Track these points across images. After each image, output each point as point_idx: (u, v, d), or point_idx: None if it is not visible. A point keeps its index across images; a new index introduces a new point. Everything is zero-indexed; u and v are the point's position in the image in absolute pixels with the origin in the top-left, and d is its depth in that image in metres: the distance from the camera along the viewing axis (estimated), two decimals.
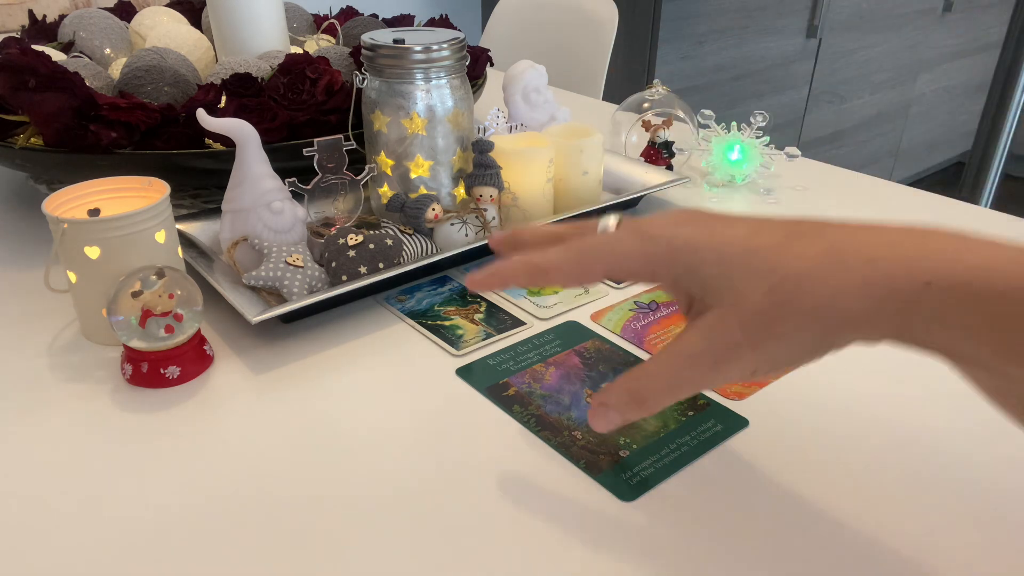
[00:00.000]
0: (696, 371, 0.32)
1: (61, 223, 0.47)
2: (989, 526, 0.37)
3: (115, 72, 0.79)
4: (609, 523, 0.38)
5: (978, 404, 0.46)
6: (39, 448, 0.43)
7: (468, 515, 0.38)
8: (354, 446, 0.43)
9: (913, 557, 0.36)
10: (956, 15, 2.58)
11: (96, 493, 0.40)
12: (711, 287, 0.31)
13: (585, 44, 1.45)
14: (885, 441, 0.43)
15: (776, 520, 0.38)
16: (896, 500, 0.39)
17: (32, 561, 0.36)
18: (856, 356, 0.50)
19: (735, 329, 0.31)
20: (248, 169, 0.54)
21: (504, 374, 0.49)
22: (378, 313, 0.56)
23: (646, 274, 0.33)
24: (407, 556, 0.36)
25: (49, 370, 0.50)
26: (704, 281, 0.32)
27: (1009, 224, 0.70)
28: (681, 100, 0.81)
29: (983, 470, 0.41)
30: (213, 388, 0.48)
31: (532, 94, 0.74)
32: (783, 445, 0.43)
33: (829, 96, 2.34)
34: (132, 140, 0.61)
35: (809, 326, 0.29)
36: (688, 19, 1.85)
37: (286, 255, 0.54)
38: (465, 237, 0.60)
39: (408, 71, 0.58)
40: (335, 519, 0.38)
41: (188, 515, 0.38)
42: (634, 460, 0.41)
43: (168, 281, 0.46)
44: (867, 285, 0.28)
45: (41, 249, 0.66)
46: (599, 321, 0.55)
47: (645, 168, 0.75)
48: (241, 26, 0.79)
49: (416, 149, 0.61)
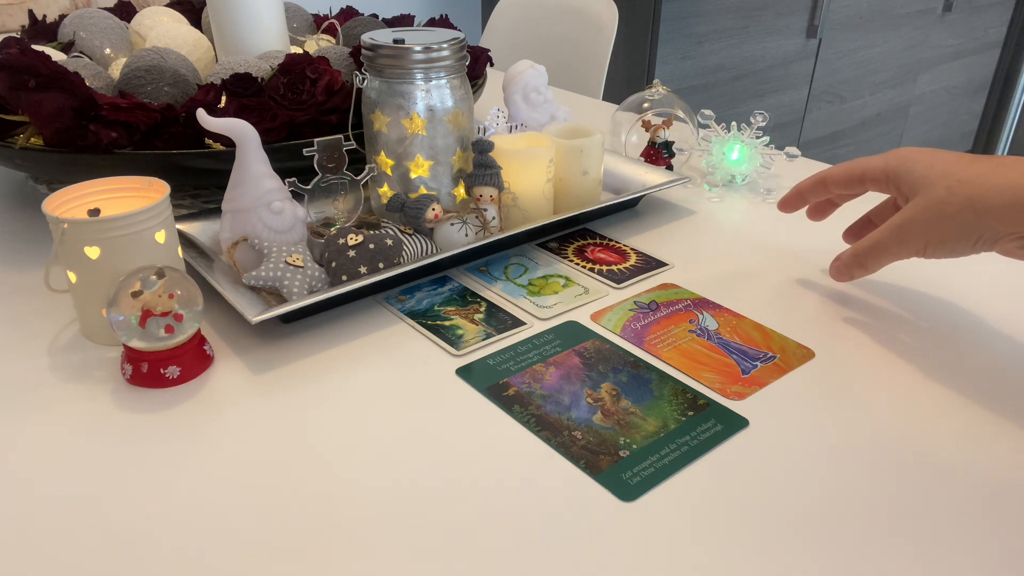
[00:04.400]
0: (891, 238, 0.50)
1: (61, 223, 0.47)
2: (990, 527, 0.37)
3: (115, 72, 0.79)
4: (609, 523, 0.38)
5: (978, 405, 0.46)
6: (39, 448, 0.43)
7: (468, 515, 0.38)
8: (354, 446, 0.43)
9: (913, 557, 0.36)
10: (956, 15, 2.58)
11: (96, 493, 0.40)
12: (916, 185, 0.48)
13: (585, 44, 1.45)
14: (885, 441, 0.43)
15: (776, 520, 0.38)
16: (896, 500, 0.39)
17: (32, 561, 0.36)
18: (857, 356, 0.51)
19: (922, 210, 0.48)
20: (248, 169, 0.54)
21: (504, 374, 0.49)
22: (378, 313, 0.56)
23: (881, 175, 0.52)
24: (407, 556, 0.36)
25: (49, 370, 0.50)
26: (912, 180, 0.49)
27: None
28: (681, 100, 0.81)
29: (983, 470, 0.41)
30: (213, 388, 0.48)
31: (532, 94, 0.74)
32: (783, 445, 0.43)
33: (829, 96, 2.34)
34: (132, 140, 0.61)
35: (967, 212, 0.45)
36: (688, 19, 1.86)
37: (286, 255, 0.54)
38: (465, 237, 0.60)
39: (408, 71, 0.58)
40: (335, 519, 0.38)
41: (188, 515, 0.38)
42: (634, 460, 0.41)
43: (168, 281, 0.46)
44: (1008, 189, 0.44)
45: (41, 249, 0.66)
46: (599, 321, 0.55)
47: (645, 168, 0.75)
48: (241, 26, 0.79)
49: (416, 149, 0.61)
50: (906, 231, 0.48)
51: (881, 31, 2.36)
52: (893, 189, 0.52)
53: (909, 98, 2.66)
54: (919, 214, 0.48)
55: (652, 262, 0.63)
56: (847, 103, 2.42)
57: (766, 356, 0.51)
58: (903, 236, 0.49)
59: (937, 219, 0.47)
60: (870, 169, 0.52)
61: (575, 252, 0.65)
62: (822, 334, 0.53)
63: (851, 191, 0.55)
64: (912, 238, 0.48)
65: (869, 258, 0.52)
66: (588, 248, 0.66)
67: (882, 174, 0.51)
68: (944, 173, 0.47)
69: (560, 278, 0.61)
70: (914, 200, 0.48)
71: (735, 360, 0.50)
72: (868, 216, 0.59)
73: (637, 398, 0.46)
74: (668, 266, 0.63)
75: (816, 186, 0.56)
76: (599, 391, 0.47)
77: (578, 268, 0.62)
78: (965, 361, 0.50)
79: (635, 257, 0.64)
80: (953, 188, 0.46)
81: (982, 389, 0.47)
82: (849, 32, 2.26)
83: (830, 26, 2.18)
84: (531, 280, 0.60)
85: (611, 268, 0.62)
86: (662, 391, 0.47)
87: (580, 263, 0.63)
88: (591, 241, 0.67)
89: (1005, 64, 2.90)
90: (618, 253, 0.65)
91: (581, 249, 0.65)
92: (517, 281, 0.60)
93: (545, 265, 0.63)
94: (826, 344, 0.52)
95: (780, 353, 0.51)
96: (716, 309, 0.56)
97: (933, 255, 0.48)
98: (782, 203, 0.59)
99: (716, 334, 0.53)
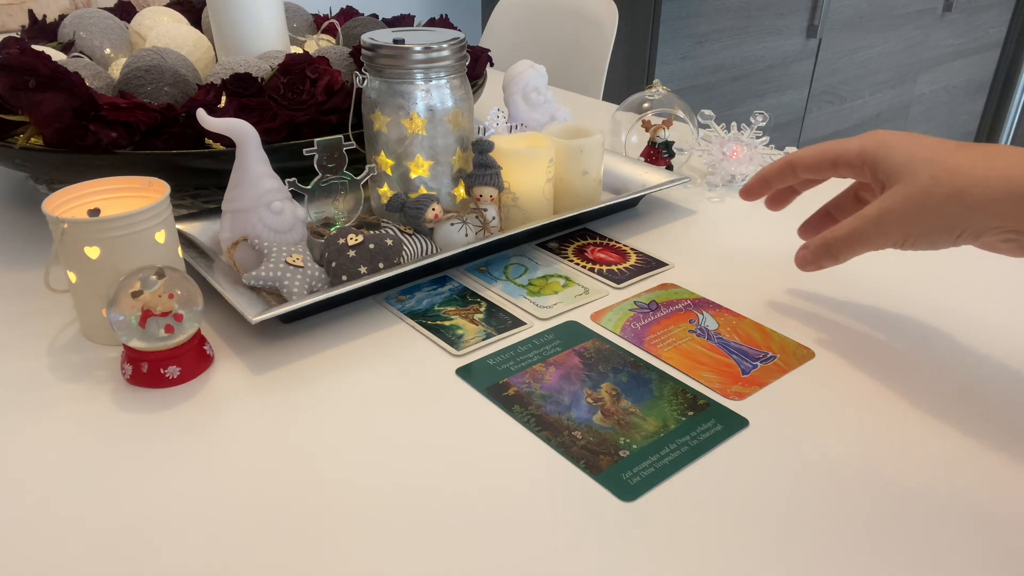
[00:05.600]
0: (869, 228, 0.46)
1: (61, 223, 0.47)
2: (991, 523, 0.37)
3: (115, 72, 0.79)
4: (609, 523, 0.38)
5: (979, 404, 0.46)
6: (39, 448, 0.43)
7: (468, 515, 0.38)
8: (354, 446, 0.43)
9: (913, 556, 0.36)
10: (956, 15, 2.58)
11: (96, 493, 0.40)
12: (896, 172, 0.45)
13: (585, 44, 1.45)
14: (885, 441, 0.43)
15: (776, 520, 0.38)
16: (896, 500, 0.39)
17: (32, 560, 0.36)
18: (857, 356, 0.50)
19: (903, 199, 0.44)
20: (248, 169, 0.54)
21: (504, 374, 0.49)
22: (378, 313, 0.56)
23: (856, 159, 0.48)
24: (406, 555, 0.36)
25: (49, 370, 0.50)
26: (892, 167, 0.45)
27: None
28: (681, 100, 0.81)
29: (984, 469, 0.41)
30: (213, 388, 0.48)
31: (532, 94, 0.74)
32: (783, 445, 0.43)
33: (829, 96, 2.34)
34: (132, 140, 0.61)
35: (953, 203, 0.42)
36: (688, 19, 1.85)
37: (286, 255, 0.54)
38: (465, 237, 0.60)
39: (408, 71, 0.58)
40: (335, 519, 0.38)
41: (188, 515, 0.38)
42: (634, 460, 0.41)
43: (168, 281, 0.46)
44: (999, 180, 0.41)
45: (41, 249, 0.66)
46: (599, 321, 0.55)
47: (645, 168, 0.75)
48: (241, 26, 0.79)
49: (416, 149, 0.61)
50: (885, 222, 0.45)
51: (881, 31, 2.36)
52: (868, 175, 0.48)
53: (909, 98, 2.66)
54: (900, 204, 0.44)
55: (652, 262, 0.63)
56: (847, 103, 2.42)
57: (766, 356, 0.51)
58: (882, 227, 0.45)
59: (920, 210, 0.43)
60: (845, 152, 0.49)
61: (575, 252, 0.65)
62: (822, 334, 0.53)
63: (820, 175, 0.52)
64: (892, 229, 0.45)
65: (842, 248, 0.48)
66: (588, 248, 0.66)
67: (857, 158, 0.48)
68: (927, 160, 0.44)
69: (560, 278, 0.61)
70: (894, 188, 0.45)
71: (735, 360, 0.50)
72: (826, 208, 0.56)
73: (637, 398, 0.46)
74: (668, 266, 0.62)
75: (783, 170, 0.52)
76: (599, 391, 0.47)
77: (578, 268, 0.62)
78: (966, 360, 0.50)
79: (635, 257, 0.64)
80: (938, 177, 0.43)
81: (983, 388, 0.47)
82: (849, 32, 2.26)
83: (830, 26, 2.18)
84: (531, 280, 0.60)
85: (611, 268, 0.62)
86: (662, 391, 0.47)
87: (580, 263, 0.63)
88: (591, 241, 0.67)
89: (1005, 64, 2.90)
90: (618, 253, 0.65)
91: (581, 249, 0.65)
92: (517, 281, 0.60)
93: (545, 265, 0.63)
94: (826, 344, 0.52)
95: (780, 353, 0.51)
96: (716, 309, 0.56)
97: (912, 247, 0.45)
98: (745, 190, 0.55)
99: (716, 334, 0.53)
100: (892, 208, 0.44)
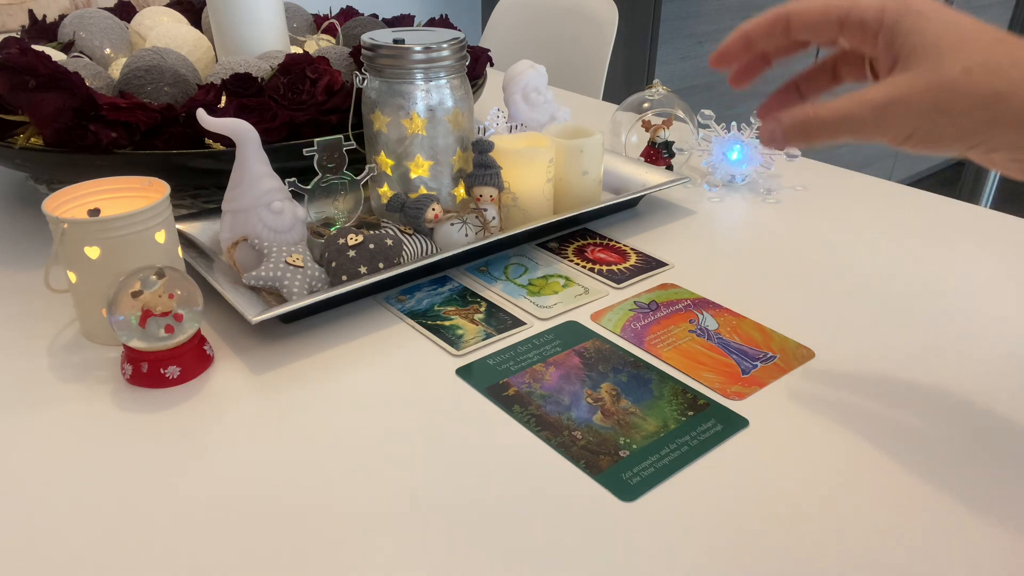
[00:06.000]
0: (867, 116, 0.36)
1: (61, 223, 0.47)
2: (989, 525, 0.37)
3: (115, 72, 0.79)
4: (609, 523, 0.38)
5: (980, 403, 0.46)
6: (39, 448, 0.43)
7: (468, 515, 0.38)
8: (354, 446, 0.43)
9: (913, 557, 0.36)
10: None
11: (96, 493, 0.40)
12: (919, 50, 0.35)
13: (585, 44, 1.45)
14: (885, 440, 0.43)
15: (776, 520, 0.38)
16: (896, 501, 0.39)
17: (32, 560, 0.36)
18: (855, 356, 0.51)
19: (922, 90, 0.35)
20: (248, 169, 0.54)
21: (504, 374, 0.49)
22: (378, 313, 0.56)
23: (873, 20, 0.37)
24: (406, 555, 0.36)
25: (49, 370, 0.50)
26: (916, 44, 0.35)
27: (1009, 224, 0.70)
28: (681, 100, 0.81)
29: (986, 469, 0.41)
30: (213, 388, 0.48)
31: (532, 94, 0.74)
32: (783, 445, 0.43)
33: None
34: (132, 140, 0.61)
35: (984, 111, 0.34)
36: (688, 19, 1.86)
37: (286, 255, 0.54)
38: (465, 237, 0.60)
39: (408, 71, 0.58)
40: (335, 519, 0.38)
41: (188, 515, 0.38)
42: (634, 460, 0.41)
43: (168, 281, 0.46)
44: None
45: (41, 249, 0.66)
46: (599, 321, 0.55)
47: (645, 168, 0.75)
48: (241, 26, 0.79)
49: (416, 149, 0.61)
50: (891, 113, 0.36)
51: None
52: (881, 45, 0.37)
53: None
54: (918, 96, 0.35)
55: (652, 262, 0.63)
56: None
57: (766, 356, 0.51)
58: (885, 118, 0.36)
59: (938, 111, 0.34)
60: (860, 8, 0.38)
61: (575, 252, 0.65)
62: (822, 334, 0.53)
63: (818, 37, 0.41)
64: (896, 124, 0.36)
65: (825, 131, 0.38)
66: (588, 248, 0.66)
67: (876, 20, 0.37)
68: (961, 47, 0.34)
69: (560, 278, 0.61)
70: (913, 72, 0.35)
71: (735, 360, 0.50)
72: (795, 82, 0.46)
73: (637, 398, 0.46)
74: (668, 266, 0.63)
75: (773, 26, 0.41)
76: (599, 391, 0.47)
77: (578, 268, 0.62)
78: (967, 359, 0.50)
79: (635, 257, 0.64)
80: (973, 73, 0.34)
81: (984, 387, 0.47)
82: None
83: None
84: (531, 280, 0.60)
85: (611, 268, 0.62)
86: (662, 391, 0.47)
87: (580, 263, 0.63)
88: (591, 241, 0.67)
89: None
90: (618, 253, 0.65)
91: (581, 249, 0.65)
92: (517, 281, 0.60)
93: (545, 265, 0.63)
94: (826, 344, 0.52)
95: (780, 353, 0.51)
96: (716, 309, 0.56)
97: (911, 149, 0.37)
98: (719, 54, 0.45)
99: (716, 334, 0.53)
100: (905, 98, 0.35)
